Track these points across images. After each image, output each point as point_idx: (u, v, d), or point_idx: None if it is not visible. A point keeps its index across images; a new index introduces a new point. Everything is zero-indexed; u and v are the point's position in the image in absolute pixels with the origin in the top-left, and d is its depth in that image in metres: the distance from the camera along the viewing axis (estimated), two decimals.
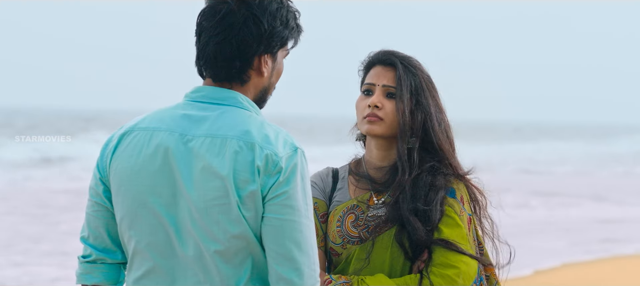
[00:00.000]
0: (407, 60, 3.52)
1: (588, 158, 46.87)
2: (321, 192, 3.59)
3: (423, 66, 3.55)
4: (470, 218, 3.47)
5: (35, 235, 14.93)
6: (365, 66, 3.58)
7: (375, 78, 3.52)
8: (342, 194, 3.57)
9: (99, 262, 2.92)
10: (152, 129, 2.81)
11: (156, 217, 2.78)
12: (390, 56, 3.53)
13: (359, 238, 3.48)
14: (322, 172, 3.66)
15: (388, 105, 3.48)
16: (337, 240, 3.50)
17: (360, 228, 3.49)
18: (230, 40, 2.78)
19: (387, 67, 3.52)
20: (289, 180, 2.73)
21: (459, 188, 3.48)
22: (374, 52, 3.58)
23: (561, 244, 15.06)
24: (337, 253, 3.51)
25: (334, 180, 3.62)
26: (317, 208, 3.56)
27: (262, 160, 2.71)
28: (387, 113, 3.47)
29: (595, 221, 18.28)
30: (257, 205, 2.72)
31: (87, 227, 2.92)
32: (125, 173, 2.80)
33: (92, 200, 2.90)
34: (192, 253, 2.77)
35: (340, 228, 3.51)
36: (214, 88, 2.82)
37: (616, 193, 24.86)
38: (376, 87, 3.50)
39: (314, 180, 3.61)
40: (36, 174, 26.83)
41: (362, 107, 3.52)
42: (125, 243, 2.86)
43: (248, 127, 2.75)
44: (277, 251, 2.72)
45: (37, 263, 12.62)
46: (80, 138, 40.71)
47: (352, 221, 3.50)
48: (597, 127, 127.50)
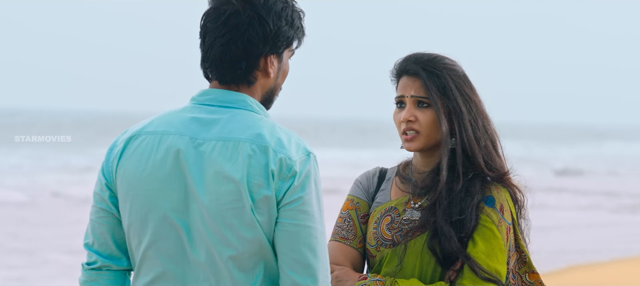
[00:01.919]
0: (432, 63, 3.44)
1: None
2: (364, 191, 3.54)
3: (453, 64, 3.46)
4: (509, 228, 3.39)
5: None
6: (395, 76, 3.52)
7: (403, 90, 3.45)
8: (383, 195, 3.52)
9: (104, 269, 2.87)
10: (161, 133, 2.77)
11: (167, 222, 2.75)
12: (413, 65, 3.44)
13: (392, 241, 3.42)
14: (370, 172, 3.60)
15: (421, 116, 3.42)
16: (372, 242, 3.45)
17: (394, 232, 3.43)
18: (236, 41, 2.75)
19: (412, 77, 3.45)
20: (304, 185, 2.71)
21: (499, 195, 3.39)
22: (400, 59, 3.50)
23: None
24: (372, 255, 3.46)
25: (379, 181, 3.56)
26: (359, 208, 3.50)
27: (276, 164, 2.69)
28: (421, 125, 3.41)
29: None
30: (271, 209, 2.70)
31: (92, 233, 2.87)
32: (134, 177, 2.76)
33: (97, 206, 2.85)
34: (203, 258, 2.73)
35: (375, 230, 3.45)
36: (222, 91, 2.79)
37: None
38: (406, 98, 3.45)
39: (359, 179, 3.56)
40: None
41: (398, 121, 3.46)
42: (133, 248, 2.82)
43: (260, 130, 2.73)
44: (291, 257, 2.70)
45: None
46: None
47: (387, 224, 3.45)
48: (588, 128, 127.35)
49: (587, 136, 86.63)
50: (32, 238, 14.75)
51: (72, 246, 13.62)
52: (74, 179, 25.61)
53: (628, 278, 12.31)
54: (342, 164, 32.18)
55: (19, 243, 14.27)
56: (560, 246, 15.20)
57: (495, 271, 3.32)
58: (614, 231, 17.75)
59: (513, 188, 3.43)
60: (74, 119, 75.02)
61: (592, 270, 13.02)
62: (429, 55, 3.47)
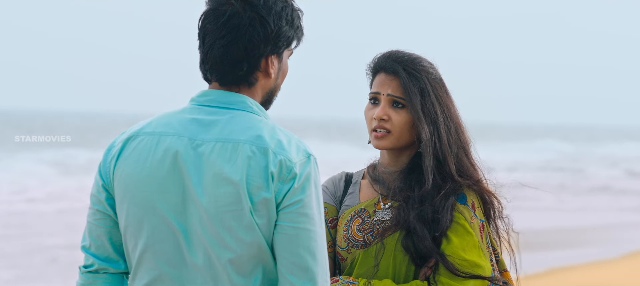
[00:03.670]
0: (412, 64, 3.43)
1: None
2: (332, 196, 3.54)
3: (430, 67, 3.46)
4: (482, 225, 3.41)
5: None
6: (371, 71, 3.50)
7: (380, 87, 3.44)
8: (351, 198, 3.52)
9: (101, 272, 2.84)
10: (159, 134, 2.74)
11: (165, 224, 2.72)
12: (393, 63, 3.43)
13: (364, 242, 3.41)
14: (336, 177, 3.60)
15: (394, 116, 3.41)
16: (343, 244, 3.45)
17: (365, 233, 3.43)
18: (237, 42, 2.72)
19: (390, 75, 3.44)
20: (304, 187, 2.68)
21: (470, 194, 3.40)
22: (379, 55, 3.50)
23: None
24: (343, 257, 3.45)
25: (346, 185, 3.56)
26: (327, 213, 3.50)
27: (276, 166, 2.66)
28: (394, 125, 3.41)
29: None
30: (270, 212, 2.67)
31: (89, 236, 2.84)
32: (131, 179, 2.73)
33: (94, 207, 2.82)
34: (201, 261, 2.70)
35: (346, 233, 3.45)
36: (222, 92, 2.76)
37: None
38: (381, 96, 3.43)
39: (325, 185, 3.56)
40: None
41: (369, 117, 3.46)
42: (130, 251, 2.78)
43: (260, 131, 2.70)
44: (291, 260, 2.67)
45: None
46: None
47: (358, 225, 3.45)
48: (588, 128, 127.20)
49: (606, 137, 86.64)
50: (31, 238, 14.73)
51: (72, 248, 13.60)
52: (72, 182, 25.56)
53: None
54: (334, 164, 32.09)
55: (13, 244, 14.24)
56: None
57: (473, 264, 3.32)
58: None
59: (486, 194, 3.42)
60: (73, 121, 74.99)
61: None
62: (410, 55, 3.46)
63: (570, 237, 16.49)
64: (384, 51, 3.49)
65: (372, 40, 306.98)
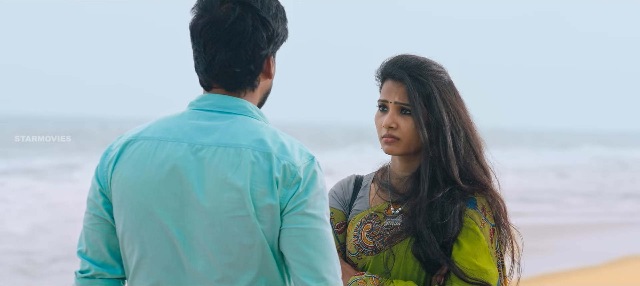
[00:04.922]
0: (418, 69, 3.40)
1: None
2: (340, 201, 3.53)
3: (439, 71, 3.43)
4: (493, 229, 3.39)
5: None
6: (380, 78, 3.49)
7: (387, 95, 3.43)
8: (361, 203, 3.50)
9: (98, 277, 2.81)
10: (158, 139, 2.71)
11: (163, 229, 2.69)
12: (399, 70, 3.41)
13: (374, 248, 3.40)
14: (345, 180, 3.59)
15: (403, 123, 3.40)
16: (353, 250, 3.43)
17: (375, 239, 3.41)
18: (245, 46, 2.70)
19: (397, 82, 3.42)
20: (308, 189, 2.66)
21: (480, 198, 3.38)
22: (386, 61, 3.47)
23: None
24: (353, 263, 3.43)
25: (355, 188, 3.55)
26: (333, 218, 3.48)
27: (280, 171, 2.65)
28: (402, 132, 3.39)
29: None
30: (274, 217, 2.65)
31: (85, 241, 2.81)
32: (129, 184, 2.70)
33: (91, 212, 2.78)
34: (201, 267, 2.68)
35: (356, 238, 3.43)
36: (221, 97, 2.74)
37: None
38: (389, 104, 3.42)
39: (334, 189, 3.54)
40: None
41: (379, 125, 3.45)
42: (127, 257, 2.76)
43: (262, 136, 2.68)
44: (301, 261, 2.65)
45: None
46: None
47: (368, 231, 3.43)
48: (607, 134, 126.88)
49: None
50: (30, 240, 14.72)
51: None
52: (70, 185, 25.55)
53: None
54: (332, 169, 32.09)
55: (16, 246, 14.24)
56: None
57: (483, 271, 3.31)
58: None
59: (494, 198, 3.40)
60: (73, 124, 75.02)
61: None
62: (416, 60, 3.44)
63: (566, 240, 16.50)
64: (391, 57, 3.47)
65: (374, 44, 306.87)
